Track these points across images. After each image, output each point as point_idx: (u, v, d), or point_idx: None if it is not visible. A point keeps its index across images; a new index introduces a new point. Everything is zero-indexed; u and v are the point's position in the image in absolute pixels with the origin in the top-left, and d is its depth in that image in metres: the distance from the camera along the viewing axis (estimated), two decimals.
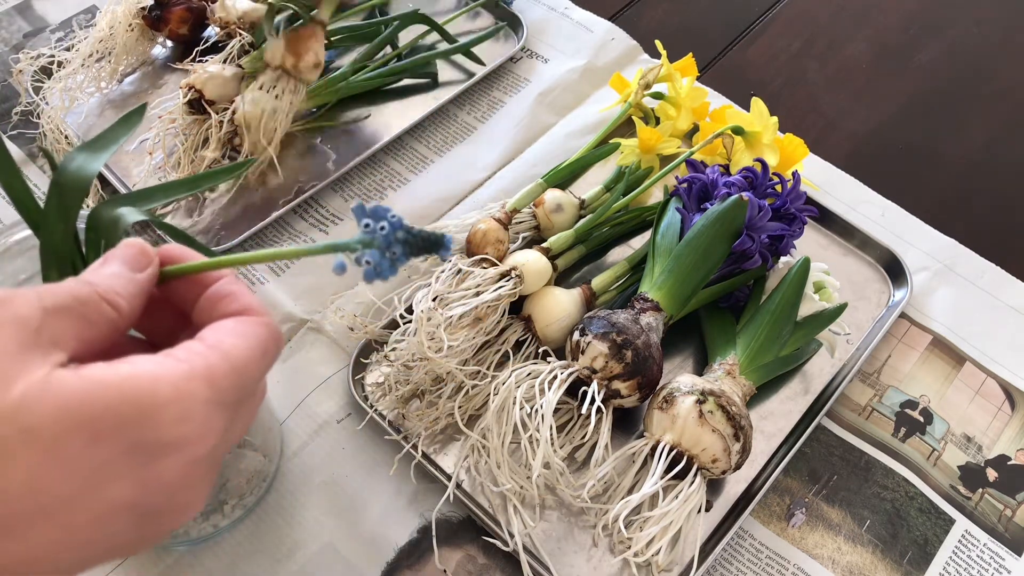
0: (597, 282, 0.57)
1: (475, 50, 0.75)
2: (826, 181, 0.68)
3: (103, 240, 0.32)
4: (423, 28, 0.75)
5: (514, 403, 0.48)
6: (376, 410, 0.52)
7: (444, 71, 0.75)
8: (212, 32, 0.75)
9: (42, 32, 0.77)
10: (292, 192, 0.65)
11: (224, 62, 0.67)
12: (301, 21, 0.63)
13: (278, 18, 0.64)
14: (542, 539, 0.49)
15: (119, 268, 0.28)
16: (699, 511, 0.47)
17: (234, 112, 0.63)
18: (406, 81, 0.74)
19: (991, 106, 0.77)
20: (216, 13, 0.72)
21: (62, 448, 0.22)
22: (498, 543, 0.48)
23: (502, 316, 0.53)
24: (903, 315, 0.61)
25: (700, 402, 0.48)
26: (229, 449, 0.29)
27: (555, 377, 0.49)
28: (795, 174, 0.58)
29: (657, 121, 0.69)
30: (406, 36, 0.75)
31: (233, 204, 0.65)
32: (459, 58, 0.75)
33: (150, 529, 0.26)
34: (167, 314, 0.31)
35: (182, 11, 0.72)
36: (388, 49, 0.75)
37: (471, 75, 0.74)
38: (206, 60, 0.68)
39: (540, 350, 0.54)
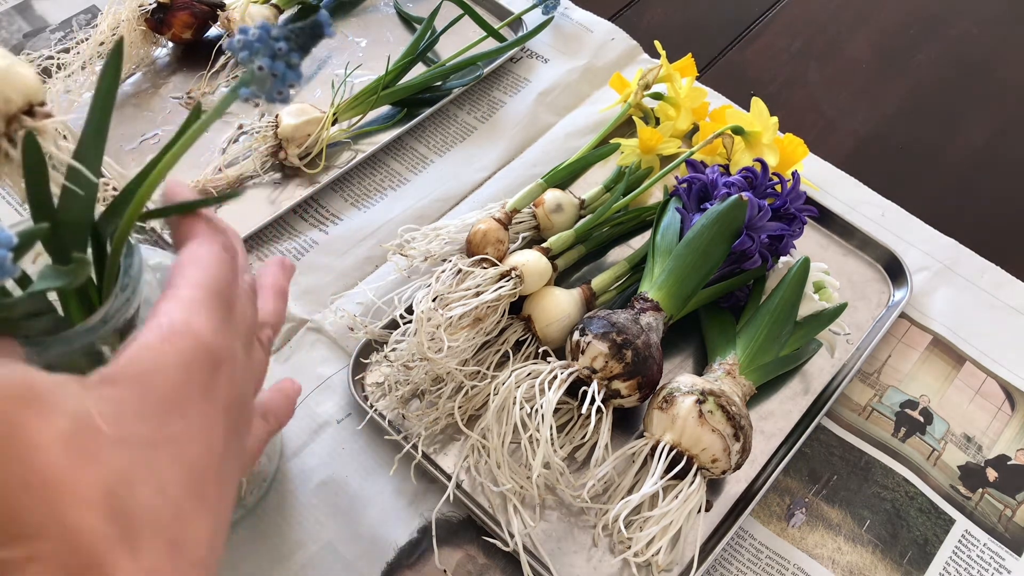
0: (597, 282, 0.57)
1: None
2: (826, 181, 0.68)
3: (105, 241, 0.32)
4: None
5: (514, 403, 0.48)
6: (376, 410, 0.52)
7: None
8: (216, 33, 0.75)
9: (42, 32, 0.76)
10: (292, 191, 0.66)
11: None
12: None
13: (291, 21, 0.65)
14: (542, 539, 0.49)
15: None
16: (699, 511, 0.47)
17: (277, 126, 0.66)
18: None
19: (991, 106, 0.77)
20: (233, 24, 0.72)
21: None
22: (498, 543, 0.48)
23: (502, 316, 0.53)
24: (903, 315, 0.61)
25: (700, 402, 0.48)
26: (251, 341, 0.33)
27: (555, 377, 0.49)
28: (795, 174, 0.58)
29: (657, 121, 0.69)
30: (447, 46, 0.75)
31: (237, 204, 0.65)
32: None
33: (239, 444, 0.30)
34: None
35: (186, 16, 0.71)
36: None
37: (472, 75, 0.74)
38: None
39: (540, 350, 0.54)
